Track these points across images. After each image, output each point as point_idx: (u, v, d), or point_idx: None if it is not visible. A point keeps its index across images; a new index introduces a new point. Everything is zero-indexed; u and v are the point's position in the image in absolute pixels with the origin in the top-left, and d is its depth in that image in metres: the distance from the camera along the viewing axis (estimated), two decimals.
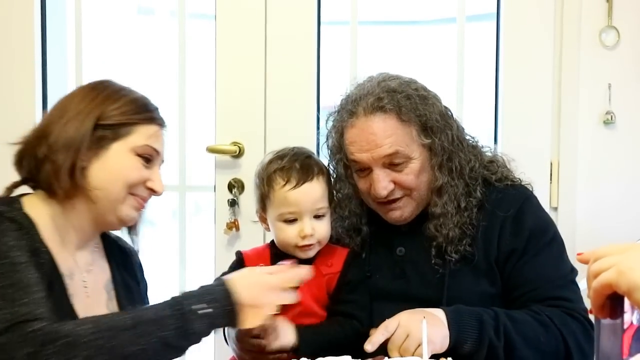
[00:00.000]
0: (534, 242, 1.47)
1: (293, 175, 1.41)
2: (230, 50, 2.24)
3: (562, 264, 1.49)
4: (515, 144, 2.13)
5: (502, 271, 1.46)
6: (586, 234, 2.17)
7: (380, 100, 1.43)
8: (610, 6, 2.13)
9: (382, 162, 1.44)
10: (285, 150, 1.48)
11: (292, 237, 1.41)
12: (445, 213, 1.45)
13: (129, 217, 1.34)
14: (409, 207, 1.48)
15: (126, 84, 1.39)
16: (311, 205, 1.41)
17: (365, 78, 1.53)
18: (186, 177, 2.31)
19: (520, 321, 1.38)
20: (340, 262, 1.44)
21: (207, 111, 2.30)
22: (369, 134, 1.43)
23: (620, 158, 2.17)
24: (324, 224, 1.43)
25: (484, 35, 2.36)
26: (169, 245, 2.53)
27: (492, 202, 1.49)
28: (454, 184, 1.47)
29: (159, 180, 1.36)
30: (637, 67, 2.15)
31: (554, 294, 1.44)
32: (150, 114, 1.35)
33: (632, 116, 2.17)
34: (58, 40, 2.39)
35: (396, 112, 1.43)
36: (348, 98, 1.50)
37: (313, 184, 1.42)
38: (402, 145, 1.43)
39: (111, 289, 1.38)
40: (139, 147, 1.31)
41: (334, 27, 2.45)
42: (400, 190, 1.46)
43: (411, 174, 1.45)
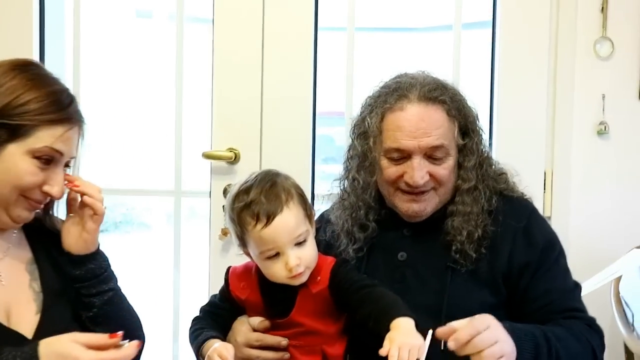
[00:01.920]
0: (546, 255, 1.48)
1: (261, 212, 1.33)
2: (228, 55, 2.25)
3: (569, 277, 1.52)
4: (509, 153, 2.14)
5: (514, 284, 1.46)
6: (579, 244, 2.18)
7: (435, 92, 1.45)
8: (605, 17, 2.15)
9: (425, 151, 1.44)
10: (249, 181, 1.39)
11: (280, 271, 1.35)
12: (471, 212, 1.47)
13: (20, 218, 1.28)
14: (432, 201, 1.49)
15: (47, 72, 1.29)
16: (288, 236, 1.33)
17: (411, 71, 1.53)
18: (182, 182, 2.31)
19: (564, 340, 1.38)
20: (327, 274, 1.38)
21: (203, 117, 2.30)
22: (420, 121, 1.43)
23: (613, 168, 2.19)
24: (308, 248, 1.37)
25: (480, 43, 2.37)
26: (163, 250, 2.54)
27: (500, 212, 1.50)
28: (481, 188, 1.49)
29: (58, 184, 1.27)
30: (631, 78, 2.17)
31: (570, 306, 1.46)
32: (58, 114, 1.25)
33: (626, 127, 2.18)
34: (56, 43, 2.39)
35: (447, 106, 1.46)
36: (393, 84, 1.49)
37: (284, 216, 1.33)
38: (446, 139, 1.45)
39: (34, 269, 1.33)
40: (38, 150, 1.23)
41: (331, 33, 2.46)
42: (431, 182, 1.47)
43: (447, 169, 1.47)
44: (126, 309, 1.41)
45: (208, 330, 1.42)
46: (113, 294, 1.36)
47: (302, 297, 1.38)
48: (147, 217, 7.02)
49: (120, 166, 5.63)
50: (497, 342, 1.25)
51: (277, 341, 1.40)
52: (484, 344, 1.23)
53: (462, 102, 1.50)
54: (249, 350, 1.41)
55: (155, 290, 4.05)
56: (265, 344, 1.41)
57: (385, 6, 4.81)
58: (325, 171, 1.73)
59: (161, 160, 2.78)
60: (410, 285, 1.48)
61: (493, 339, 1.24)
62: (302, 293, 1.38)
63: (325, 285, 1.38)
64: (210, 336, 1.40)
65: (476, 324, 1.24)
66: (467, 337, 1.23)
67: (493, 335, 1.25)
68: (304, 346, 1.39)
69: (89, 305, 1.34)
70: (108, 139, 5.60)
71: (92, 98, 2.66)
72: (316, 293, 1.37)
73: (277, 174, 1.41)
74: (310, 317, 1.38)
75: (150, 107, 5.41)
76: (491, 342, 1.24)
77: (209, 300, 1.54)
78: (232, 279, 1.47)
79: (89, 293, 1.34)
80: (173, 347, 2.34)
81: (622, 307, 2.07)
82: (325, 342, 1.39)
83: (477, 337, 1.23)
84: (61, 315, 1.32)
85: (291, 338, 1.39)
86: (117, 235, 6.89)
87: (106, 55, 4.50)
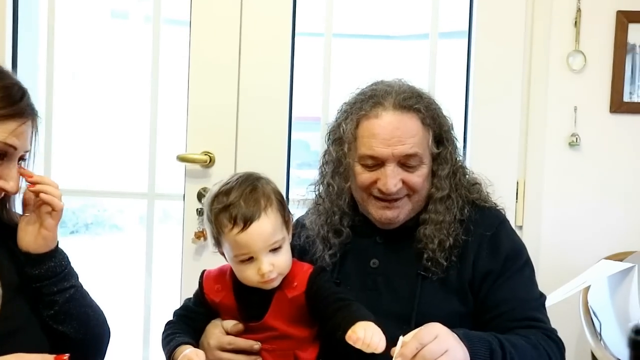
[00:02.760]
0: (509, 264, 1.48)
1: (239, 216, 1.32)
2: (204, 58, 2.24)
3: (533, 288, 1.52)
4: (482, 162, 2.16)
5: (476, 292, 1.47)
6: (550, 253, 2.21)
7: (410, 100, 1.46)
8: (578, 31, 2.19)
9: (398, 159, 1.45)
10: (230, 183, 1.38)
11: (252, 276, 1.35)
12: (443, 221, 1.47)
13: None
14: (405, 208, 1.49)
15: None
16: (263, 243, 1.33)
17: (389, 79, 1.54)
18: (155, 185, 2.29)
19: (520, 348, 1.37)
20: (304, 281, 1.38)
21: (178, 119, 2.29)
22: (395, 129, 1.44)
23: (584, 179, 2.22)
24: (282, 255, 1.36)
25: (456, 52, 2.39)
26: (135, 252, 2.51)
27: (473, 222, 1.50)
28: (454, 197, 1.50)
29: (12, 179, 1.24)
30: (602, 91, 2.20)
31: (530, 315, 1.46)
32: (9, 109, 1.22)
33: (597, 139, 2.22)
34: (30, 41, 2.36)
35: (422, 115, 1.46)
36: (369, 91, 1.49)
37: (261, 222, 1.33)
38: (420, 148, 1.46)
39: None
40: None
41: (308, 39, 2.46)
42: (405, 189, 1.47)
43: (421, 177, 1.47)
44: (89, 305, 1.39)
45: (180, 336, 1.41)
46: (74, 290, 1.34)
47: (277, 301, 1.38)
48: (119, 219, 6.94)
49: (94, 167, 5.57)
50: (446, 351, 1.24)
51: (249, 345, 1.39)
52: (432, 355, 1.23)
53: (437, 111, 1.51)
54: (220, 353, 1.40)
55: (127, 293, 4.01)
56: (237, 347, 1.40)
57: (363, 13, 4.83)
58: (300, 176, 1.73)
59: (135, 162, 2.76)
60: (382, 293, 1.49)
61: (442, 349, 1.24)
62: (277, 297, 1.38)
63: (301, 291, 1.37)
64: (181, 342, 1.38)
65: (422, 336, 1.24)
66: (413, 350, 1.23)
67: (441, 345, 1.24)
68: (276, 350, 1.39)
69: (50, 304, 1.32)
70: (81, 140, 5.54)
71: (66, 98, 2.63)
72: (292, 298, 1.37)
73: (259, 177, 1.41)
74: (283, 321, 1.38)
75: (125, 109, 5.36)
76: (440, 352, 1.23)
77: (182, 304, 1.53)
78: (206, 282, 1.46)
79: (50, 291, 1.31)
80: (143, 351, 2.32)
81: (590, 317, 2.10)
82: (298, 346, 1.39)
83: (424, 349, 1.22)
84: (20, 311, 1.30)
85: (264, 342, 1.39)
86: (87, 236, 6.80)
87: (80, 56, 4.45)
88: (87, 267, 1.43)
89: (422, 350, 1.22)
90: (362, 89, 1.53)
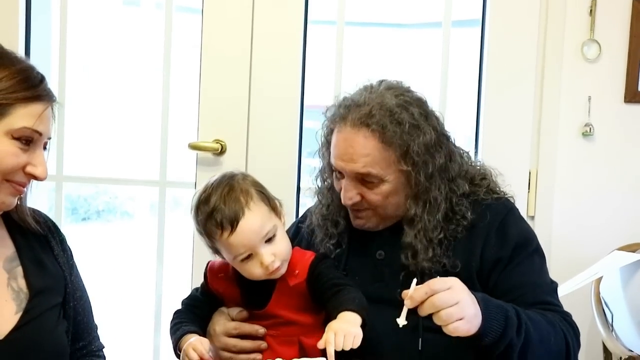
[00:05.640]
0: (519, 251, 1.47)
1: (224, 220, 1.33)
2: (216, 46, 2.24)
3: (545, 274, 1.51)
4: (495, 151, 2.15)
5: (485, 281, 1.46)
6: (562, 243, 2.20)
7: (370, 117, 1.41)
8: (593, 20, 2.17)
9: (354, 175, 1.44)
10: (207, 189, 1.38)
11: (257, 271, 1.36)
12: (415, 246, 1.44)
13: (4, 204, 1.25)
14: (372, 219, 1.49)
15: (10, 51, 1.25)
16: (256, 237, 1.34)
17: (374, 81, 1.49)
18: (167, 173, 2.30)
19: (536, 321, 1.36)
20: (305, 268, 1.39)
21: (190, 107, 2.29)
22: (348, 146, 1.42)
23: (597, 169, 2.21)
24: (278, 242, 1.37)
25: (469, 41, 2.38)
26: (146, 240, 2.52)
27: (475, 215, 1.48)
28: (426, 218, 1.44)
29: (41, 165, 1.23)
30: (617, 81, 2.18)
31: (543, 299, 1.45)
32: (32, 91, 1.21)
33: (611, 129, 2.20)
34: (42, 29, 2.36)
35: (380, 133, 1.41)
36: (346, 100, 1.48)
37: (248, 218, 1.34)
38: (376, 167, 1.42)
39: (15, 266, 1.30)
40: (17, 130, 1.19)
41: (320, 27, 2.46)
42: (365, 204, 1.46)
43: (379, 194, 1.44)
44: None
45: (186, 325, 1.43)
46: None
47: (279, 290, 1.39)
48: (130, 206, 6.98)
49: (105, 155, 5.60)
50: (457, 303, 1.23)
51: (254, 329, 1.40)
52: (442, 303, 1.22)
53: (405, 131, 1.41)
54: (226, 339, 1.42)
55: (138, 280, 4.03)
56: (242, 332, 1.41)
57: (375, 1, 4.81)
58: (311, 164, 1.74)
59: (147, 150, 2.76)
60: (389, 284, 1.48)
61: (453, 300, 1.23)
62: (279, 286, 1.39)
63: (303, 279, 1.39)
64: (187, 331, 1.41)
65: (434, 283, 1.24)
66: (423, 295, 1.22)
67: (453, 296, 1.23)
68: (281, 336, 1.40)
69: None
70: (93, 127, 5.56)
71: (78, 86, 2.64)
72: (293, 286, 1.38)
73: (233, 175, 1.40)
74: (287, 309, 1.39)
75: (136, 97, 5.38)
76: (450, 302, 1.22)
77: (190, 294, 1.55)
78: (210, 272, 1.48)
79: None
80: (154, 338, 2.33)
81: (602, 308, 2.10)
82: (302, 333, 1.39)
83: (435, 296, 1.22)
84: (44, 317, 1.29)
85: (269, 328, 1.40)
86: (99, 223, 6.84)
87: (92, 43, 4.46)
88: (98, 254, 1.43)
89: (432, 297, 1.22)
90: (346, 95, 1.50)
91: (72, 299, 1.37)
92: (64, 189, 2.34)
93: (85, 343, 1.41)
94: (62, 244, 1.41)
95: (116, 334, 2.49)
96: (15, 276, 1.29)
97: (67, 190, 2.53)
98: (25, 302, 1.27)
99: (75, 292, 1.39)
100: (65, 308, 1.35)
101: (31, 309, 1.27)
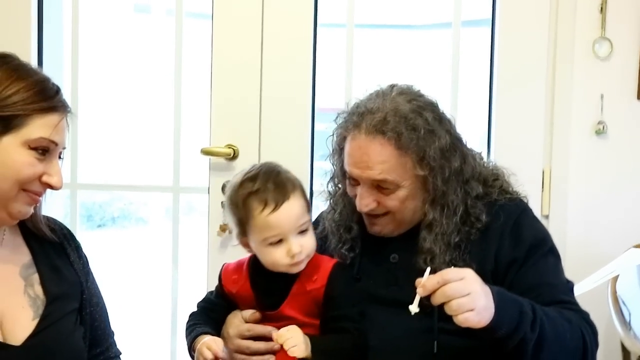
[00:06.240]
0: (533, 251, 1.46)
1: (269, 197, 1.36)
2: (227, 51, 2.24)
3: (560, 274, 1.50)
4: (507, 151, 2.14)
5: (501, 282, 1.44)
6: (577, 242, 2.18)
7: (385, 124, 1.40)
8: (604, 18, 2.15)
9: (370, 182, 1.43)
10: (253, 170, 1.42)
11: (281, 259, 1.38)
12: (434, 250, 1.44)
13: (20, 213, 1.26)
14: (389, 225, 1.48)
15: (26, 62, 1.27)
16: (294, 223, 1.37)
17: (385, 86, 1.49)
18: (180, 178, 2.31)
19: (552, 318, 1.35)
20: (325, 275, 1.41)
21: (202, 112, 2.30)
22: (363, 154, 1.42)
23: (611, 168, 2.19)
24: (309, 237, 1.40)
25: (479, 41, 2.37)
26: (161, 245, 2.53)
27: (489, 217, 1.48)
28: (445, 222, 1.44)
29: (57, 174, 1.25)
30: (629, 78, 2.17)
31: (560, 298, 1.43)
32: (49, 102, 1.23)
33: (624, 127, 2.18)
34: (54, 37, 2.38)
35: (395, 140, 1.40)
36: (359, 106, 1.47)
37: (291, 203, 1.37)
38: (392, 174, 1.42)
39: (32, 273, 1.31)
40: (33, 140, 1.21)
41: (330, 30, 2.46)
42: (382, 209, 1.46)
43: (396, 200, 1.44)
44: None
45: (200, 326, 1.45)
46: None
47: (295, 292, 1.40)
48: (144, 212, 7.02)
49: (119, 162, 5.63)
50: (469, 294, 1.22)
51: (267, 331, 1.41)
52: (453, 292, 1.21)
53: (421, 137, 1.41)
54: (239, 341, 1.42)
55: (153, 286, 4.05)
56: (255, 333, 1.42)
57: (385, 3, 4.81)
58: (323, 168, 1.74)
59: (160, 156, 2.78)
60: (403, 287, 1.46)
61: (465, 291, 1.22)
62: (295, 288, 1.40)
63: (321, 285, 1.39)
64: (202, 332, 1.42)
65: (447, 273, 1.24)
66: (435, 284, 1.22)
67: (466, 286, 1.22)
68: None
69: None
70: (106, 135, 5.60)
71: (90, 93, 2.66)
72: (310, 291, 1.39)
73: (278, 166, 1.45)
74: (300, 312, 1.40)
75: (148, 103, 5.41)
76: (462, 292, 1.22)
77: (204, 296, 1.56)
78: (224, 274, 1.49)
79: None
80: (171, 342, 2.34)
81: (619, 306, 2.08)
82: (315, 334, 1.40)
83: (447, 286, 1.22)
84: (61, 323, 1.30)
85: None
86: (114, 230, 6.89)
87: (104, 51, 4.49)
88: (114, 260, 1.45)
89: (444, 286, 1.22)
90: (356, 102, 1.50)
91: (89, 305, 1.38)
92: (79, 197, 2.36)
93: (102, 349, 1.42)
94: (77, 250, 1.42)
95: (133, 339, 2.50)
96: (32, 283, 1.30)
97: (82, 197, 2.56)
98: (42, 308, 1.28)
99: (92, 298, 1.40)
100: (82, 314, 1.36)
101: (48, 315, 1.28)
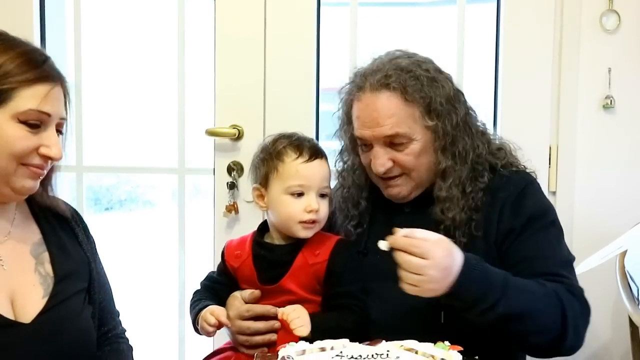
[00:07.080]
0: (532, 223, 1.47)
1: (305, 149, 1.46)
2: (230, 31, 2.23)
3: (559, 248, 1.50)
4: (514, 128, 2.13)
5: (499, 250, 1.47)
6: (584, 219, 2.17)
7: (388, 78, 1.44)
8: None
9: (382, 140, 1.45)
10: (288, 133, 1.51)
11: (298, 212, 1.43)
12: (451, 197, 1.46)
13: (24, 188, 1.24)
14: (407, 185, 1.50)
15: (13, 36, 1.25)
16: (320, 181, 1.45)
17: (382, 53, 1.52)
18: (185, 160, 2.31)
19: (523, 290, 1.35)
20: (327, 250, 1.44)
21: (206, 93, 2.29)
22: (372, 111, 1.44)
23: (619, 143, 2.17)
24: (326, 203, 1.47)
25: (485, 17, 2.35)
26: (168, 227, 2.54)
27: (495, 187, 1.49)
28: (458, 168, 1.47)
29: (54, 145, 1.23)
30: (637, 52, 2.14)
31: (552, 271, 1.43)
32: (34, 72, 1.20)
33: (632, 101, 2.16)
34: (57, 19, 2.37)
35: (401, 91, 1.43)
36: (359, 72, 1.51)
37: (322, 162, 1.47)
38: (403, 126, 1.44)
39: (42, 251, 1.31)
40: (22, 113, 1.19)
41: (334, 8, 2.44)
42: (398, 168, 1.47)
43: (411, 155, 1.46)
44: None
45: (204, 301, 1.49)
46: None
47: (297, 265, 1.43)
48: (151, 194, 7.03)
49: (126, 144, 5.63)
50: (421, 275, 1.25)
51: (266, 309, 1.44)
52: (408, 266, 1.25)
53: (424, 84, 1.45)
54: (240, 322, 1.45)
55: (161, 268, 4.07)
56: (255, 313, 1.44)
57: None
58: (329, 147, 1.74)
59: (164, 137, 2.78)
60: None
61: (419, 270, 1.25)
62: (298, 260, 1.43)
63: (323, 260, 1.43)
64: (205, 305, 1.47)
65: (417, 232, 1.27)
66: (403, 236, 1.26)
67: (422, 268, 1.25)
68: None
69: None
70: (112, 117, 5.59)
71: (94, 76, 2.66)
72: (312, 264, 1.42)
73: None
74: (300, 286, 1.43)
75: (152, 84, 5.39)
76: (415, 270, 1.25)
77: (207, 275, 1.61)
78: (228, 249, 1.54)
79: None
80: (179, 323, 2.36)
81: (627, 282, 2.07)
82: (314, 311, 1.42)
83: (407, 256, 1.25)
84: (70, 301, 1.31)
85: (280, 306, 1.42)
86: (122, 213, 6.91)
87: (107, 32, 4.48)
88: (122, 243, 1.47)
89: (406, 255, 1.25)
90: (357, 69, 1.53)
91: (97, 285, 1.39)
92: (85, 180, 2.36)
93: (110, 327, 1.44)
94: (85, 231, 1.43)
95: (141, 321, 2.52)
96: (42, 261, 1.31)
97: (89, 181, 2.56)
98: (52, 286, 1.30)
99: (99, 278, 1.41)
100: (90, 293, 1.37)
101: (57, 293, 1.29)
